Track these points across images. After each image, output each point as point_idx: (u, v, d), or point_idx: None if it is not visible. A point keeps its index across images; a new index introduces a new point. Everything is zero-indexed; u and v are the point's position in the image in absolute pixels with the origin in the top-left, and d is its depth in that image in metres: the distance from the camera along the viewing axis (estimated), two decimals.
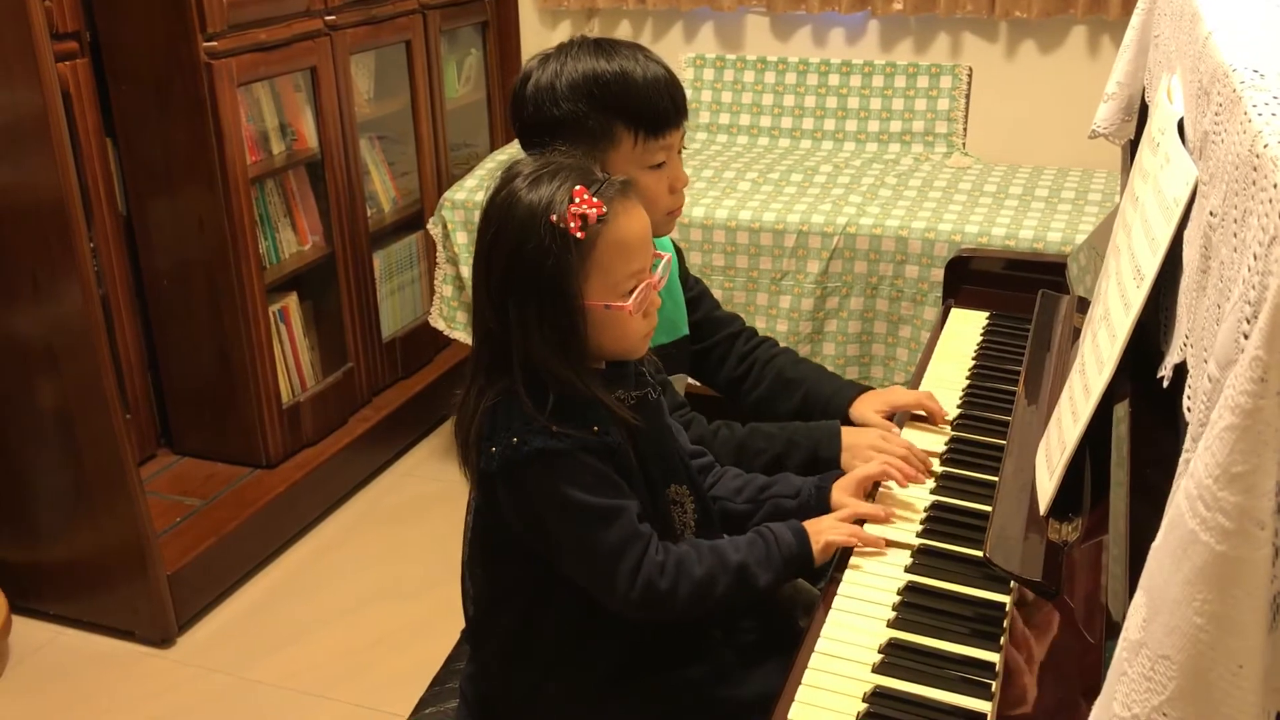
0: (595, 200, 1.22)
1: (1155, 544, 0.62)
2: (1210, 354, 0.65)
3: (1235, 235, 0.69)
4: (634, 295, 1.26)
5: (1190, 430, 0.68)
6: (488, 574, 1.41)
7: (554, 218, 1.21)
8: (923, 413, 1.66)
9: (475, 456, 1.28)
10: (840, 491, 1.45)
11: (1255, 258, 0.60)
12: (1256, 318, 0.55)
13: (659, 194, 1.55)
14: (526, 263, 1.22)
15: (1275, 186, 0.60)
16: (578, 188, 1.23)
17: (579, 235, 1.21)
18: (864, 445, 1.57)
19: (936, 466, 1.55)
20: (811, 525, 1.37)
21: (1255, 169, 0.66)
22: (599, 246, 1.23)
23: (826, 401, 1.74)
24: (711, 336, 1.82)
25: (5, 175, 2.25)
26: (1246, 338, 0.57)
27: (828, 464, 1.59)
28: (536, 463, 1.24)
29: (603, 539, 1.26)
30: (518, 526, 1.30)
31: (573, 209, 1.21)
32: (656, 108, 1.52)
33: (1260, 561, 0.55)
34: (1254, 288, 0.58)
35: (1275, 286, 0.54)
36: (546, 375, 1.24)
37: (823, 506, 1.44)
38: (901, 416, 1.67)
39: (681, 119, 1.57)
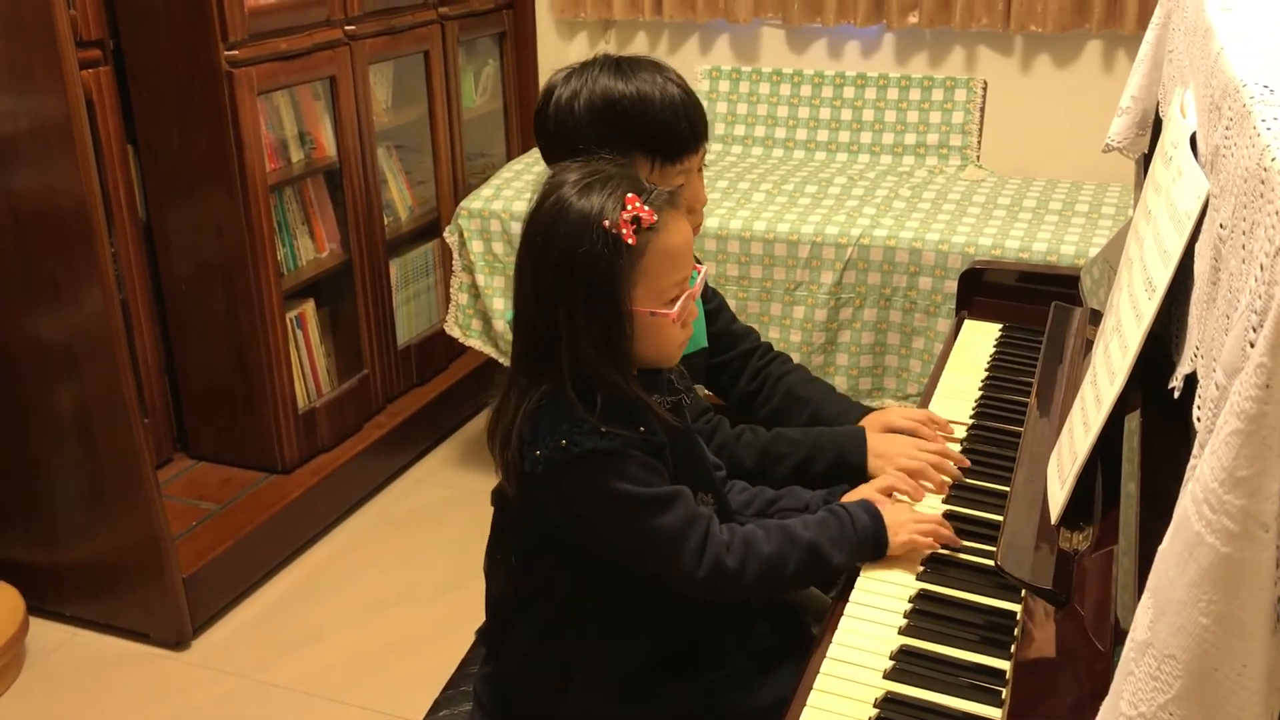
0: (646, 208, 1.25)
1: (1162, 546, 0.63)
2: (1219, 363, 0.66)
3: (1244, 247, 0.70)
4: (677, 304, 1.29)
5: (1199, 438, 0.70)
6: (511, 577, 1.41)
7: (607, 223, 1.23)
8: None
9: (516, 459, 1.29)
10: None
11: (1262, 268, 0.61)
12: (1262, 326, 0.57)
13: None
14: (578, 267, 1.24)
15: None
16: (630, 195, 1.25)
17: (631, 241, 1.24)
18: (895, 454, 1.56)
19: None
20: (888, 513, 1.38)
21: (1263, 182, 0.67)
22: (648, 254, 1.25)
23: (833, 421, 1.75)
24: (728, 351, 1.83)
25: (29, 180, 2.28)
26: (1253, 345, 0.58)
27: (853, 469, 1.59)
28: (586, 464, 1.25)
29: (663, 525, 1.27)
30: (564, 528, 1.31)
31: (625, 215, 1.24)
32: (673, 134, 1.53)
33: (1264, 563, 0.56)
34: (1260, 297, 0.59)
35: None
36: (595, 377, 1.26)
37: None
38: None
39: (700, 143, 1.56)
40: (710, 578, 1.28)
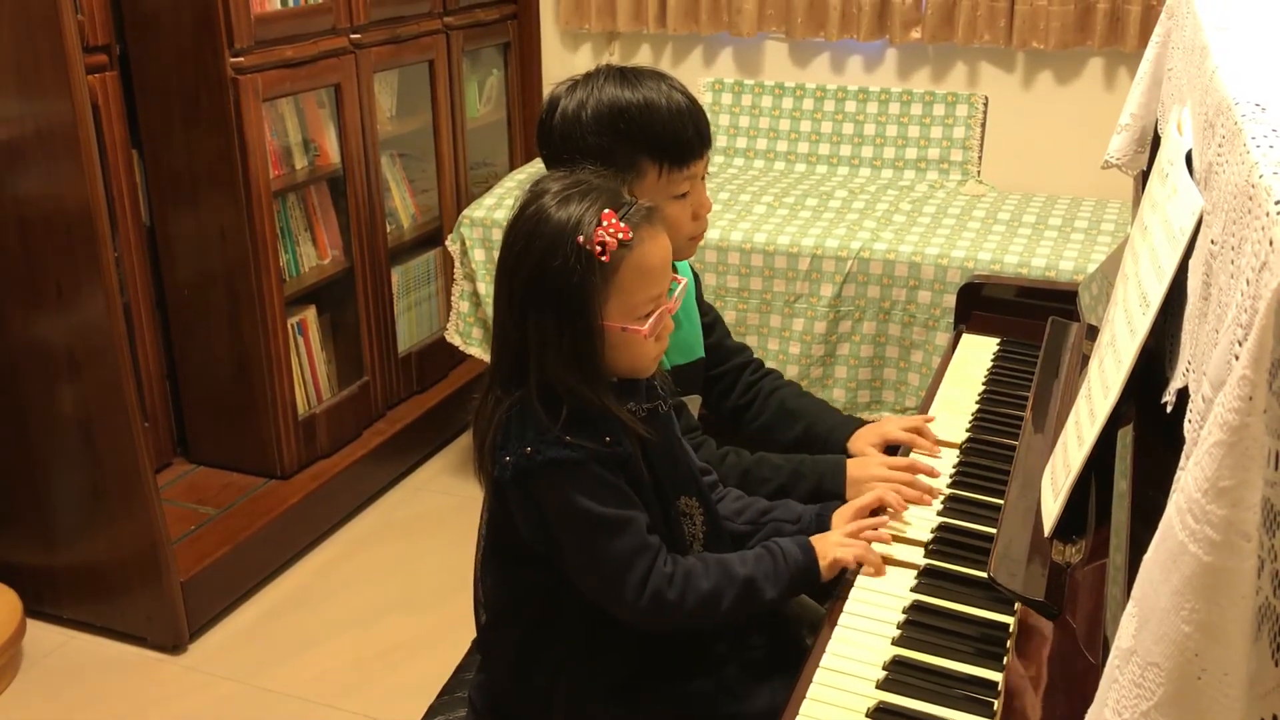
0: (622, 225, 1.25)
1: (1147, 556, 0.64)
2: (1206, 376, 0.67)
3: (1233, 262, 0.71)
4: (650, 320, 1.29)
5: (1185, 450, 0.70)
6: (499, 581, 1.43)
7: (580, 239, 1.23)
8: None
9: (489, 464, 1.31)
10: (840, 519, 1.47)
11: (1248, 282, 0.62)
12: (1247, 339, 0.57)
13: (682, 221, 1.57)
14: (550, 279, 1.24)
15: (1268, 214, 0.62)
16: (606, 211, 1.25)
17: (603, 259, 1.24)
18: (867, 479, 1.58)
19: (944, 489, 1.57)
20: (818, 541, 1.40)
21: (1251, 198, 0.68)
22: (621, 271, 1.26)
23: (826, 435, 1.76)
24: (720, 365, 1.85)
25: (34, 184, 2.30)
26: (1238, 359, 0.59)
27: (832, 497, 1.61)
28: (549, 472, 1.27)
29: (612, 549, 1.28)
30: (528, 534, 1.32)
31: (599, 232, 1.24)
32: (680, 139, 1.54)
33: (1245, 572, 0.57)
34: (1246, 311, 0.60)
35: (1263, 310, 0.56)
36: (560, 387, 1.27)
37: (822, 533, 1.46)
38: (905, 447, 1.69)
39: (705, 148, 1.58)
40: (650, 608, 1.29)
